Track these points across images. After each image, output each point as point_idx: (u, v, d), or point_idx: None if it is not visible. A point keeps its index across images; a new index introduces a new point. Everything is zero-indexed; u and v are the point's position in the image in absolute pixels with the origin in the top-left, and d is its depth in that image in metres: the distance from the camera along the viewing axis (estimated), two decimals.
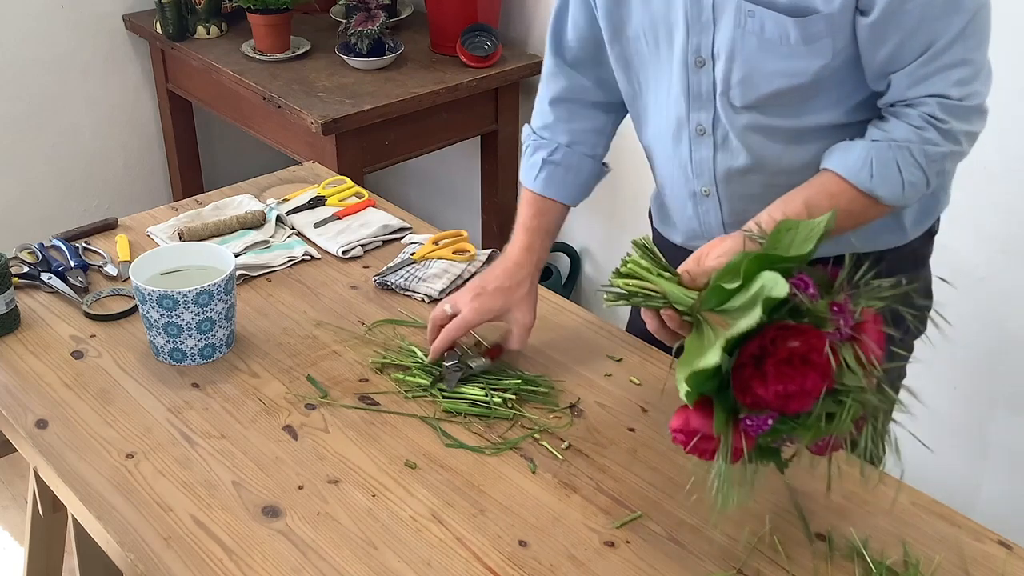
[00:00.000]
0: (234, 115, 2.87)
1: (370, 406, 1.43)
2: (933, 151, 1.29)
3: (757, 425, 1.08)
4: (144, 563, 1.19)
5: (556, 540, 1.22)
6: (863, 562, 1.19)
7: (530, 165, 1.57)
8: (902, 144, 1.29)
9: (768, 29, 1.27)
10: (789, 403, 1.06)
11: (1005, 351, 2.15)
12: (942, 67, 1.26)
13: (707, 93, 1.36)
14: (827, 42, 1.26)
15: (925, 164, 1.29)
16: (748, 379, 1.06)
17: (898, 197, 1.31)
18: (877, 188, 1.29)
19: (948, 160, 1.32)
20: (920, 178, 1.30)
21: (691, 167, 1.45)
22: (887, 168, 1.29)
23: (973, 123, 1.31)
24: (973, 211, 2.06)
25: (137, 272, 1.48)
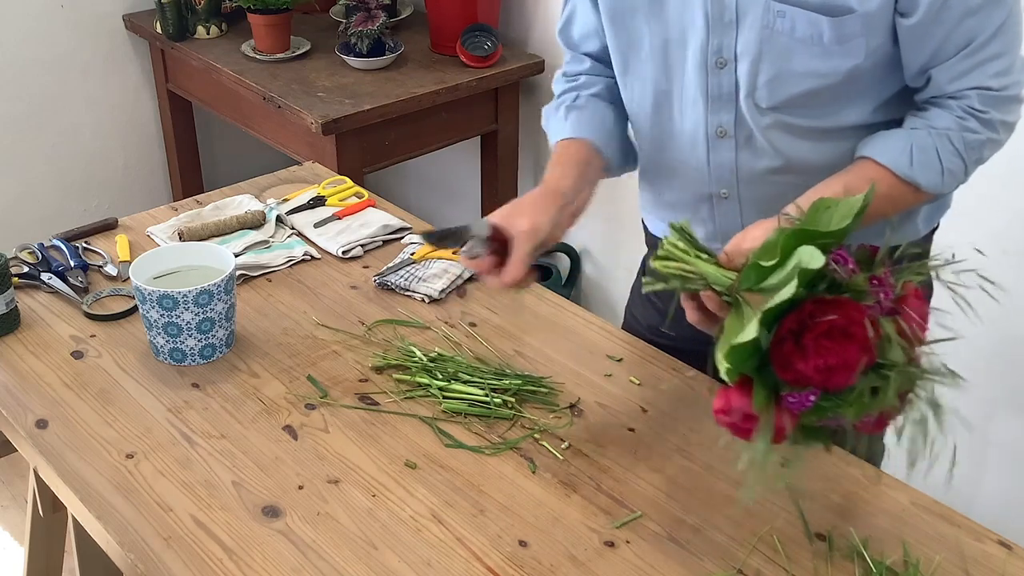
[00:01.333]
0: (234, 115, 2.87)
1: (370, 406, 1.43)
2: (973, 139, 1.29)
3: (800, 402, 1.05)
4: (144, 563, 1.19)
5: (556, 540, 1.22)
6: (863, 562, 1.19)
7: (556, 121, 1.50)
8: (942, 132, 1.29)
9: (800, 29, 1.26)
10: (831, 377, 1.04)
11: (1005, 351, 2.15)
12: (982, 60, 1.27)
13: (728, 94, 1.35)
14: (860, 42, 1.26)
15: (964, 152, 1.30)
16: (788, 354, 1.04)
17: (937, 184, 1.31)
18: (917, 175, 1.30)
19: (987, 148, 1.32)
20: (959, 166, 1.31)
21: (708, 169, 1.43)
22: (927, 155, 1.29)
23: (1011, 112, 1.32)
24: (973, 211, 2.06)
25: (137, 272, 1.48)
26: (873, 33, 1.26)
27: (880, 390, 1.06)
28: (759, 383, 1.07)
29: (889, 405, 1.07)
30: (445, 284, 1.67)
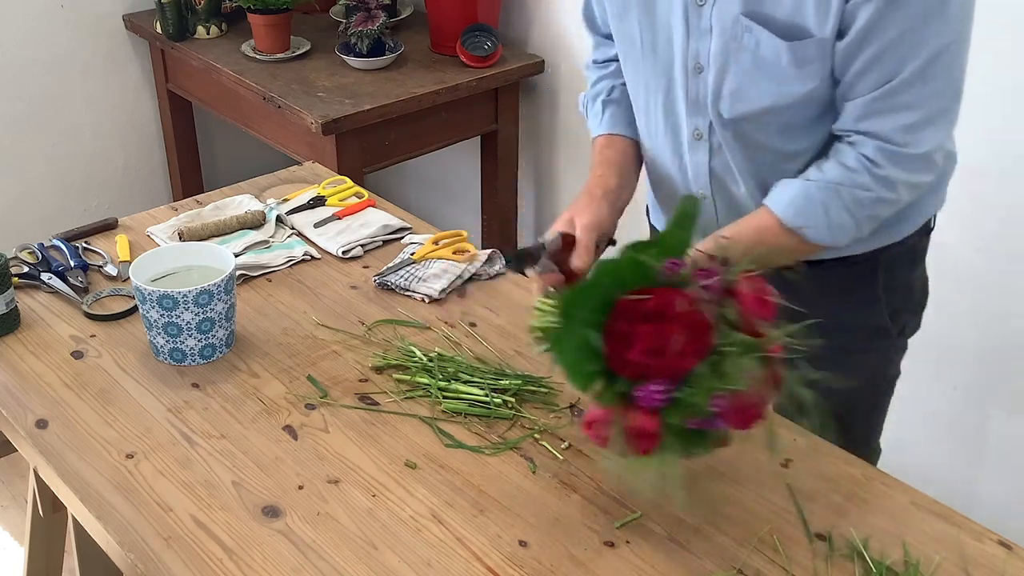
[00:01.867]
0: (234, 115, 2.87)
1: (370, 406, 1.43)
2: (862, 196, 1.29)
3: (648, 395, 1.08)
4: (144, 563, 1.19)
5: (556, 540, 1.22)
6: (863, 562, 1.19)
7: (593, 115, 1.56)
8: (832, 186, 1.30)
9: (763, 47, 1.28)
10: (662, 360, 1.06)
11: (1005, 351, 2.15)
12: (892, 107, 1.25)
13: (703, 99, 1.37)
14: (817, 67, 1.27)
15: (853, 208, 1.30)
16: (618, 350, 1.08)
17: (823, 237, 1.32)
18: (801, 226, 1.31)
19: (879, 206, 1.31)
20: (848, 221, 1.31)
21: (689, 170, 1.46)
22: (813, 208, 1.31)
23: (915, 172, 1.30)
24: (973, 211, 2.06)
25: (137, 272, 1.48)
26: (828, 59, 1.26)
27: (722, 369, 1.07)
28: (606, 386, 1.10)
29: (736, 385, 1.07)
30: (445, 284, 1.67)
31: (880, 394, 1.61)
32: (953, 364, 2.22)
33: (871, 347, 1.54)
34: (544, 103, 2.92)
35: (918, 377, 1.73)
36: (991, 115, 1.99)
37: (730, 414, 1.09)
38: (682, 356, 1.07)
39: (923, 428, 2.31)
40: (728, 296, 1.10)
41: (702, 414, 1.08)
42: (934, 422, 2.31)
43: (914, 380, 1.70)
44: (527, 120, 2.94)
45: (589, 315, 1.10)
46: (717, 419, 1.09)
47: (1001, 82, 1.97)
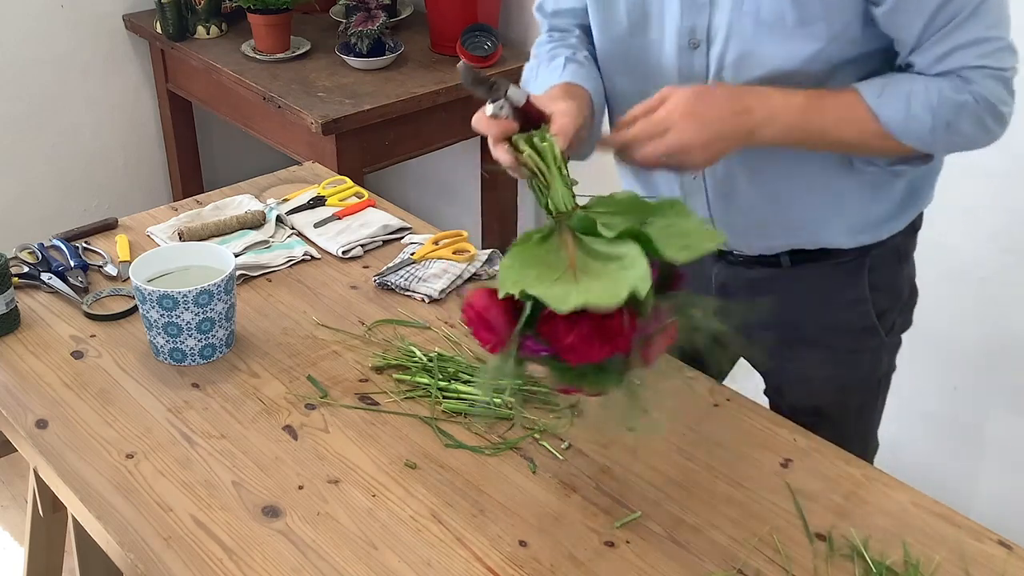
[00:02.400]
0: (234, 115, 2.87)
1: (370, 406, 1.43)
2: (947, 94, 1.27)
3: (533, 349, 1.10)
4: (144, 563, 1.19)
5: (556, 540, 1.22)
6: (863, 562, 1.19)
7: (551, 70, 1.45)
8: (922, 79, 1.28)
9: (764, 10, 1.26)
10: (566, 354, 1.08)
11: (1005, 351, 2.15)
12: (962, 44, 1.25)
13: (699, 75, 1.36)
14: (822, 26, 1.25)
15: (937, 102, 1.27)
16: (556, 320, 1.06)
17: (899, 125, 1.28)
18: (881, 106, 1.27)
19: (963, 115, 1.27)
20: (925, 117, 1.27)
21: None
22: (897, 90, 1.28)
23: (999, 94, 1.28)
24: (973, 211, 2.06)
25: (137, 272, 1.48)
26: (835, 17, 1.25)
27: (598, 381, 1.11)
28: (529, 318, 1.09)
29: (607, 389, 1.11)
30: (445, 284, 1.67)
31: (872, 392, 1.61)
32: (953, 364, 2.22)
33: (859, 347, 1.54)
34: None
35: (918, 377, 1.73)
36: None
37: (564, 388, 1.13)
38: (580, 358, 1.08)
39: (923, 428, 2.31)
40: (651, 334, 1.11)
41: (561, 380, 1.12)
42: (934, 422, 2.31)
43: (914, 380, 1.70)
44: None
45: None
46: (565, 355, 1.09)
47: None
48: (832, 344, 1.53)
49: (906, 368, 1.64)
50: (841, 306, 1.50)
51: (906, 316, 1.58)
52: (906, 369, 1.64)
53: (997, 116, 1.29)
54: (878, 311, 1.52)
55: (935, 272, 1.61)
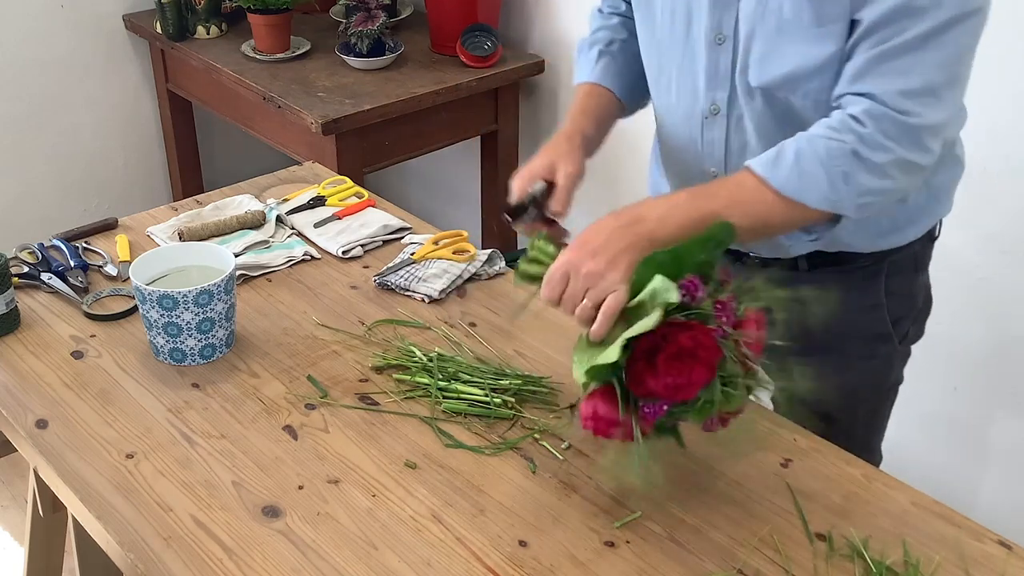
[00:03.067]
0: (234, 115, 2.87)
1: (370, 406, 1.43)
2: (836, 146, 1.22)
3: (654, 412, 1.15)
4: (144, 563, 1.19)
5: (556, 540, 1.22)
6: (863, 562, 1.19)
7: (585, 61, 1.56)
8: (807, 136, 1.25)
9: (786, 8, 1.26)
10: (677, 394, 1.13)
11: (1005, 351, 2.15)
12: (890, 70, 1.21)
13: (725, 71, 1.35)
14: (839, 27, 1.24)
15: (825, 155, 1.22)
16: (640, 373, 1.13)
17: (795, 186, 1.24)
18: (772, 173, 1.24)
19: (857, 165, 1.22)
20: (819, 171, 1.23)
21: (702, 146, 1.43)
22: (785, 152, 1.25)
23: (903, 144, 1.23)
24: (973, 211, 2.06)
25: (137, 272, 1.48)
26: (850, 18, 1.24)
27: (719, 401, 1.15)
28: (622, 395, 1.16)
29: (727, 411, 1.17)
30: (445, 284, 1.67)
31: (881, 400, 1.61)
32: (953, 364, 2.22)
33: (873, 353, 1.53)
34: (544, 103, 2.91)
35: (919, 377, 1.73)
36: (995, 116, 1.99)
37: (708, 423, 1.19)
38: (694, 391, 1.14)
39: (924, 428, 2.31)
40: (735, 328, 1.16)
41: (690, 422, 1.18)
42: (934, 422, 2.31)
43: (915, 380, 1.70)
44: (527, 120, 2.94)
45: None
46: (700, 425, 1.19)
47: (1005, 83, 1.97)
48: (846, 349, 1.53)
49: (907, 368, 1.64)
50: (857, 311, 1.50)
51: (919, 326, 1.58)
52: (907, 369, 1.64)
53: (903, 165, 1.24)
54: (893, 318, 1.51)
55: (935, 272, 1.61)
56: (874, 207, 1.28)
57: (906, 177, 1.27)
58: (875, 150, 1.22)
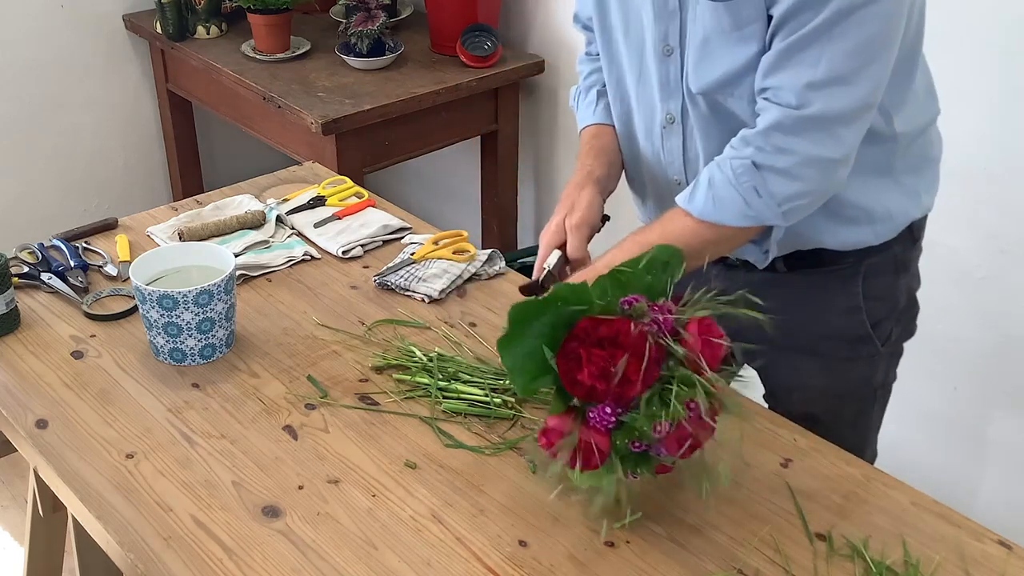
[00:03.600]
0: (234, 115, 2.87)
1: (370, 406, 1.43)
2: (739, 164, 1.28)
3: (599, 416, 1.14)
4: (144, 563, 1.19)
5: (556, 540, 1.22)
6: (863, 562, 1.19)
7: (586, 105, 1.58)
8: (713, 163, 1.31)
9: (707, 16, 1.28)
10: (609, 384, 1.12)
11: (1005, 351, 2.15)
12: (796, 63, 1.22)
13: (675, 81, 1.38)
14: (758, 27, 1.26)
15: (733, 176, 1.29)
16: (571, 371, 1.14)
17: (712, 212, 1.30)
18: (691, 204, 1.32)
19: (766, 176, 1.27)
20: (730, 193, 1.29)
21: (664, 156, 1.46)
22: (700, 183, 1.32)
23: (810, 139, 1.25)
24: (973, 211, 2.06)
25: (137, 272, 1.48)
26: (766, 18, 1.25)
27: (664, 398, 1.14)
28: (556, 398, 1.18)
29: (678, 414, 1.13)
30: (445, 284, 1.67)
31: (867, 401, 1.60)
32: (952, 364, 2.22)
33: (854, 355, 1.53)
34: (544, 103, 2.92)
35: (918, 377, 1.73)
36: (995, 117, 1.99)
37: (670, 442, 1.15)
38: (628, 383, 1.13)
39: (923, 428, 2.31)
40: (678, 333, 1.16)
41: (646, 439, 1.15)
42: (934, 422, 2.31)
43: (914, 380, 1.70)
44: (527, 120, 2.94)
45: (540, 327, 1.16)
46: (659, 445, 1.15)
47: (1005, 83, 1.97)
48: (826, 352, 1.53)
49: (906, 368, 1.64)
50: (835, 314, 1.50)
51: (905, 325, 1.58)
52: (906, 369, 1.64)
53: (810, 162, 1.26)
54: (872, 320, 1.51)
55: (935, 272, 1.61)
56: (801, 210, 1.31)
57: (820, 174, 1.29)
58: (776, 156, 1.27)
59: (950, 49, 1.90)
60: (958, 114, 1.62)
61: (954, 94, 1.59)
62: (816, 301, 1.50)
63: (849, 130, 1.27)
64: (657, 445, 1.15)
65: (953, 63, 1.89)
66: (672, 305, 1.18)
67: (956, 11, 1.94)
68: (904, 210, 1.46)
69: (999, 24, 1.94)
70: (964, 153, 1.99)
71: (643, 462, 1.18)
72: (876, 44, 1.23)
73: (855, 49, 1.21)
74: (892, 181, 1.42)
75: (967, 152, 2.00)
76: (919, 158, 1.46)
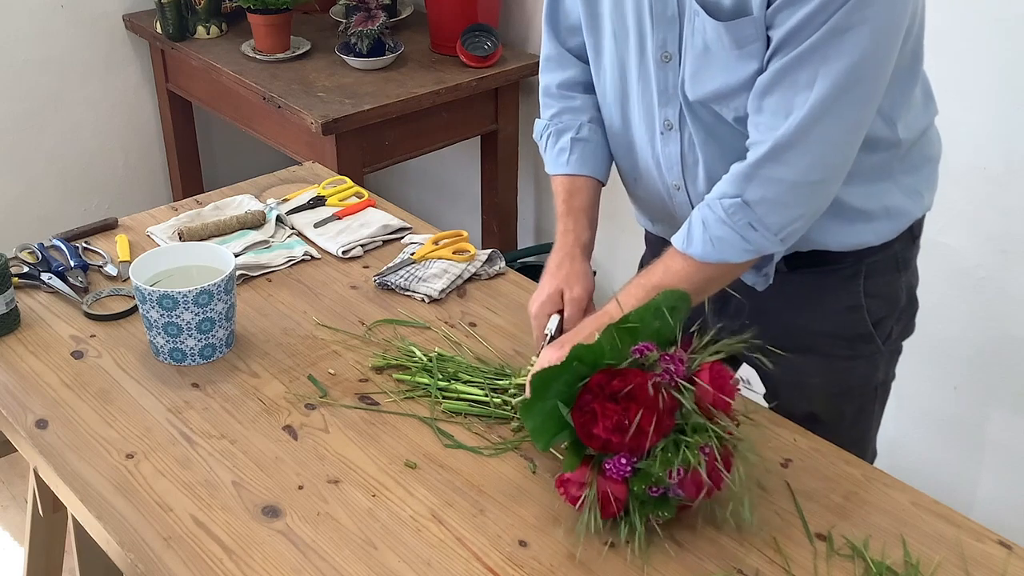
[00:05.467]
0: (234, 115, 2.87)
1: (370, 406, 1.43)
2: (729, 203, 1.29)
3: (615, 467, 1.18)
4: (144, 563, 1.19)
5: (556, 540, 1.22)
6: (863, 562, 1.19)
7: (558, 151, 1.54)
8: (704, 205, 1.32)
9: (708, 31, 1.28)
10: (623, 436, 1.16)
11: (1005, 351, 2.15)
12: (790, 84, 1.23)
13: (673, 88, 1.38)
14: (758, 46, 1.26)
15: (726, 215, 1.29)
16: (586, 423, 1.17)
17: (712, 253, 1.31)
18: (689, 247, 1.32)
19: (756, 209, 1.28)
20: (726, 232, 1.29)
21: (663, 161, 1.45)
22: (694, 225, 1.32)
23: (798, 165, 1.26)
24: (973, 211, 2.06)
25: (137, 272, 1.48)
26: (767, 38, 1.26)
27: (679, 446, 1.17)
28: (572, 451, 1.21)
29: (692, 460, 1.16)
30: (445, 284, 1.67)
31: (868, 399, 1.61)
32: (952, 364, 2.22)
33: (856, 353, 1.54)
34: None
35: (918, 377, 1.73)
36: (995, 117, 1.99)
37: (687, 486, 1.18)
38: (643, 434, 1.16)
39: (923, 428, 2.31)
40: (690, 381, 1.19)
41: (662, 484, 1.17)
42: (934, 422, 2.31)
43: (914, 380, 1.70)
44: (527, 120, 2.94)
45: (558, 387, 1.20)
46: (676, 489, 1.18)
47: (1005, 84, 1.97)
48: (827, 351, 1.53)
49: (906, 368, 1.63)
50: (837, 312, 1.50)
51: (905, 324, 1.58)
52: (906, 369, 1.64)
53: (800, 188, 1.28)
54: (874, 319, 1.51)
55: (935, 272, 1.60)
56: (798, 232, 1.33)
57: (812, 196, 1.31)
58: (766, 186, 1.28)
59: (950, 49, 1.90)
60: (958, 114, 1.62)
61: (954, 94, 1.59)
62: (817, 300, 1.50)
63: (836, 153, 1.28)
64: (675, 487, 1.18)
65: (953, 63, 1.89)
66: (683, 353, 1.20)
67: (956, 11, 1.94)
68: (906, 210, 1.47)
69: (999, 24, 1.94)
70: (964, 153, 1.99)
71: (663, 505, 1.20)
72: (871, 62, 1.22)
73: (850, 67, 1.21)
74: (893, 183, 1.43)
75: (967, 152, 2.00)
76: (919, 158, 1.46)
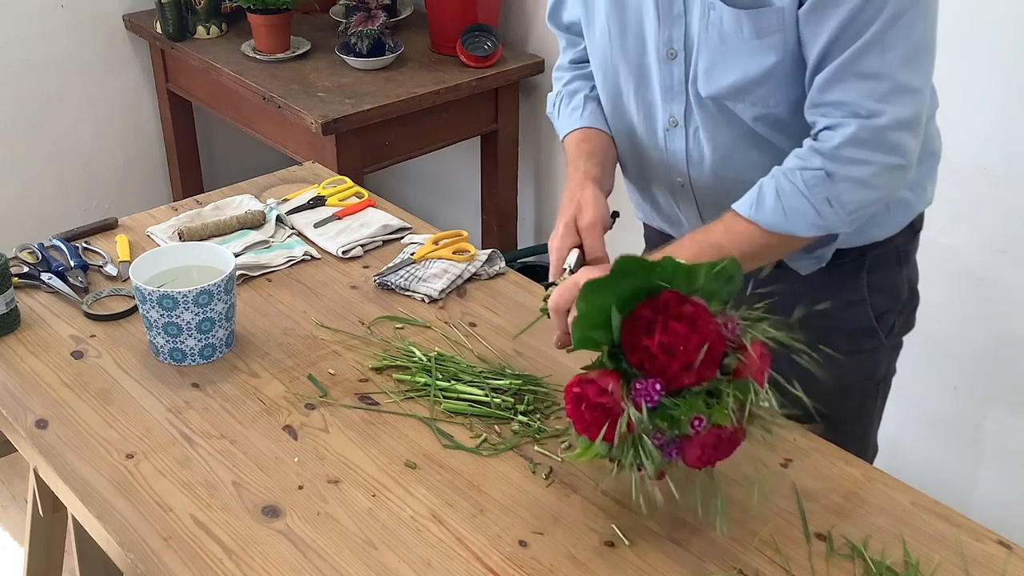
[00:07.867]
0: (234, 115, 2.87)
1: (370, 406, 1.43)
2: (811, 175, 1.27)
3: (646, 390, 1.12)
4: (144, 563, 1.19)
5: (556, 540, 1.22)
6: (863, 562, 1.19)
7: (571, 110, 1.54)
8: (782, 171, 1.30)
9: (726, 22, 1.28)
10: (671, 361, 1.10)
11: (1004, 351, 2.15)
12: (854, 76, 1.23)
13: (679, 84, 1.38)
14: (779, 37, 1.26)
15: (806, 190, 1.27)
16: (637, 333, 1.12)
17: (783, 224, 1.29)
18: (759, 216, 1.30)
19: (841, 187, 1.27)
20: (803, 205, 1.28)
21: (665, 158, 1.46)
22: (766, 195, 1.30)
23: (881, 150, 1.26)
24: (973, 211, 2.06)
25: (137, 272, 1.48)
26: (790, 29, 1.26)
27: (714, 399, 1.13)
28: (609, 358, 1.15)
29: (721, 419, 1.12)
30: (445, 284, 1.67)
31: (870, 394, 1.61)
32: (952, 364, 2.22)
33: (858, 348, 1.54)
34: (544, 103, 2.90)
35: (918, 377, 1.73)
36: (995, 117, 1.99)
37: (692, 446, 1.14)
38: (686, 368, 1.11)
39: (922, 428, 2.31)
40: (739, 348, 1.15)
41: (677, 429, 1.13)
42: (934, 422, 2.31)
43: (914, 380, 1.70)
44: (527, 120, 2.94)
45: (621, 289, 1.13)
46: (675, 447, 1.14)
47: (1005, 83, 1.97)
48: (829, 345, 1.53)
49: (906, 368, 1.64)
50: (840, 306, 1.51)
51: (907, 318, 1.58)
52: (906, 369, 1.64)
53: (883, 171, 1.27)
54: (877, 312, 1.52)
55: (935, 272, 1.61)
56: (865, 217, 1.32)
57: (893, 181, 1.31)
58: (851, 166, 1.26)
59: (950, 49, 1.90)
60: (958, 114, 1.62)
61: (954, 94, 1.59)
62: (820, 294, 1.50)
63: (912, 136, 1.28)
64: (673, 446, 1.14)
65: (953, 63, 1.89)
66: (734, 320, 1.17)
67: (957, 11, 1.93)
68: (909, 203, 1.48)
69: (1000, 24, 1.94)
70: (964, 153, 1.99)
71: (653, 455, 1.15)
72: (926, 45, 1.25)
73: (909, 54, 1.23)
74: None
75: (967, 152, 2.00)
76: (923, 151, 1.46)
